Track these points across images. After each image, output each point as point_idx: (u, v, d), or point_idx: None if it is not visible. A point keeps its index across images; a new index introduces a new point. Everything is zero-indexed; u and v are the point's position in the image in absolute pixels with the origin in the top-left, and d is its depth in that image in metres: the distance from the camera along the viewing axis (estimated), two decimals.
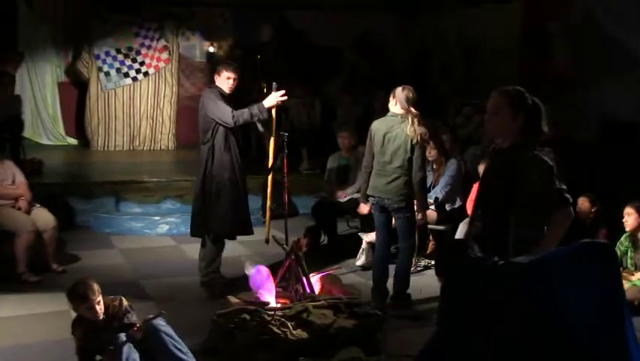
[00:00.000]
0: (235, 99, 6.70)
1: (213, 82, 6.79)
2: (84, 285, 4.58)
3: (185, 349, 4.62)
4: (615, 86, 9.32)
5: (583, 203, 7.16)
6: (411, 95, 6.15)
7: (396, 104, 6.22)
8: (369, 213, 6.89)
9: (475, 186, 7.34)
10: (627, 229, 6.67)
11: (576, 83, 10.15)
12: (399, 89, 6.19)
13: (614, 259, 3.37)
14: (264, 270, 5.44)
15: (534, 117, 3.97)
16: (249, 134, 12.47)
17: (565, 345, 3.10)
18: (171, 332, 4.63)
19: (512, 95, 3.96)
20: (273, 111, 6.56)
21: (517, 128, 3.93)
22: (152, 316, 4.67)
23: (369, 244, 7.82)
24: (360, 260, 7.83)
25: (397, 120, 6.19)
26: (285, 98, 6.55)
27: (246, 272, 5.50)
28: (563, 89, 10.33)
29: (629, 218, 6.64)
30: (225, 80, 6.60)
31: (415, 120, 6.14)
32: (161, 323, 4.63)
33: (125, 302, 4.73)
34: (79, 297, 4.57)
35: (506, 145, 3.95)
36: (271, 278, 5.44)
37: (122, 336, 4.48)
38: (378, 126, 6.30)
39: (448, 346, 3.36)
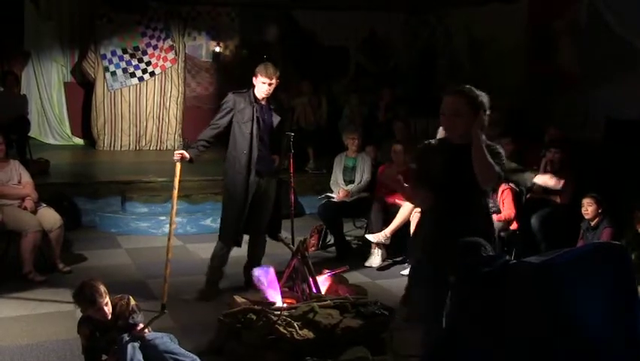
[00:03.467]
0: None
1: (220, 81, 6.76)
2: (91, 287, 4.57)
3: (188, 359, 4.59)
4: (621, 86, 9.30)
5: (589, 204, 7.13)
6: None
7: None
8: (376, 214, 6.89)
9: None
10: None
11: (582, 82, 10.13)
12: None
13: (627, 261, 3.35)
14: (270, 270, 5.44)
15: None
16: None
17: (576, 345, 3.09)
18: (172, 346, 4.58)
19: (470, 96, 4.11)
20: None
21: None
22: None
23: (378, 244, 7.84)
24: (375, 262, 7.85)
25: None
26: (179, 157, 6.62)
27: (254, 272, 5.49)
28: (568, 88, 10.33)
29: None
30: (260, 85, 6.52)
31: None
32: (159, 341, 4.59)
33: (132, 302, 4.73)
34: (86, 300, 4.56)
35: (465, 141, 4.01)
36: (276, 278, 5.44)
37: (126, 336, 4.48)
38: None
39: (455, 346, 3.35)
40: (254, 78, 6.53)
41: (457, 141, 4.12)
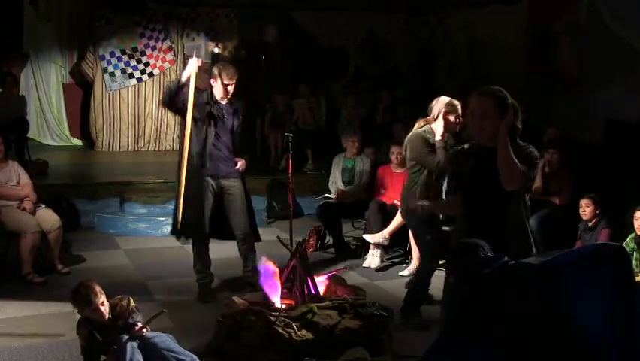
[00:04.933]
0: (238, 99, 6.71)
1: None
2: (86, 288, 4.58)
3: (188, 358, 4.58)
4: (621, 87, 9.29)
5: (587, 205, 7.13)
6: None
7: None
8: (374, 215, 6.88)
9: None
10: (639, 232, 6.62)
11: (582, 83, 10.13)
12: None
13: (626, 262, 3.34)
14: (272, 268, 5.44)
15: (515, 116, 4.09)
16: (253, 134, 12.52)
17: (576, 346, 3.08)
18: (171, 345, 4.58)
19: (498, 97, 4.06)
20: (192, 78, 6.38)
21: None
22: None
23: (377, 245, 7.83)
24: (374, 262, 7.85)
25: None
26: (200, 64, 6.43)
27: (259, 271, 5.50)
28: (568, 89, 10.33)
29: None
30: (222, 86, 6.52)
31: None
32: (159, 339, 4.58)
33: (132, 302, 4.73)
34: (82, 300, 4.57)
35: (494, 144, 3.97)
36: (278, 277, 5.44)
37: (125, 336, 4.47)
38: None
39: (455, 346, 3.35)
40: (212, 80, 6.55)
41: (487, 144, 4.07)
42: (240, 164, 6.68)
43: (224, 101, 6.56)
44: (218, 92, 6.52)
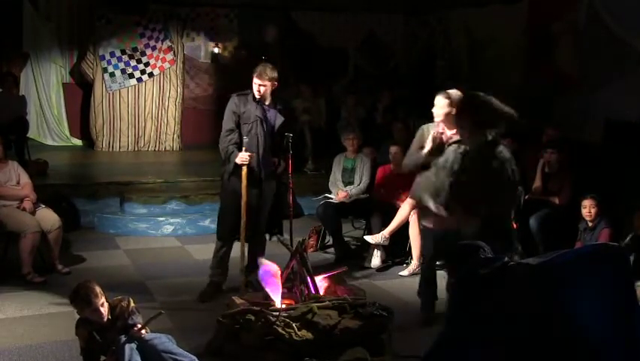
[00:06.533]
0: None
1: (219, 83, 6.75)
2: (86, 289, 4.58)
3: (187, 359, 4.58)
4: (620, 87, 9.29)
5: (592, 206, 7.12)
6: None
7: None
8: (374, 215, 6.90)
9: None
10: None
11: (581, 83, 10.13)
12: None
13: (626, 262, 3.35)
14: (273, 267, 5.44)
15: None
16: None
17: (575, 346, 3.09)
18: (170, 346, 4.57)
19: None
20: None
21: None
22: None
23: (377, 245, 7.84)
24: (374, 263, 7.86)
25: None
26: (248, 159, 6.40)
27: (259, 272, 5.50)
28: (568, 89, 10.32)
29: None
30: (253, 85, 6.52)
31: None
32: (158, 341, 4.58)
33: (132, 303, 4.73)
34: (82, 301, 4.57)
35: None
36: (279, 277, 5.44)
37: (123, 338, 4.47)
38: None
39: (455, 346, 3.35)
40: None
41: None
42: (276, 163, 6.80)
43: (266, 102, 6.58)
44: (254, 92, 6.55)
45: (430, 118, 6.16)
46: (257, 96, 6.48)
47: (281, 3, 13.80)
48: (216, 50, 14.19)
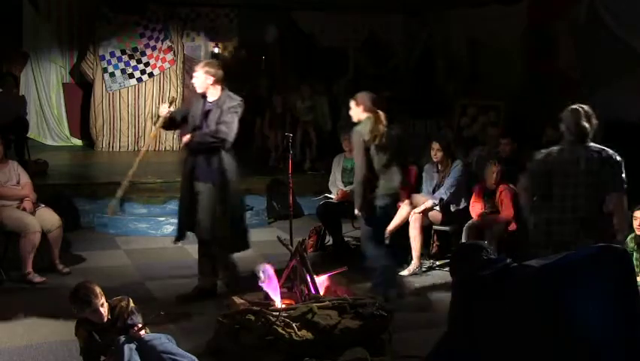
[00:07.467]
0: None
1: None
2: (85, 289, 4.57)
3: (186, 360, 4.57)
4: (621, 87, 9.30)
5: None
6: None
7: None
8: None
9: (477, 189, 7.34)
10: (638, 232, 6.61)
11: (581, 83, 10.13)
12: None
13: (627, 263, 3.35)
14: (269, 269, 5.44)
15: None
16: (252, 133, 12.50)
17: (576, 346, 3.09)
18: (170, 347, 4.56)
19: None
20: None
21: None
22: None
23: None
24: None
25: None
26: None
27: (258, 274, 5.49)
28: (568, 89, 10.32)
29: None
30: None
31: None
32: (157, 341, 4.57)
33: (131, 303, 4.72)
34: (82, 301, 4.55)
35: None
36: (276, 278, 5.43)
37: (122, 338, 4.47)
38: None
39: (457, 346, 3.35)
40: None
41: None
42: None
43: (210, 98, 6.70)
44: None
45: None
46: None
47: (281, 3, 13.79)
48: (216, 50, 14.18)
